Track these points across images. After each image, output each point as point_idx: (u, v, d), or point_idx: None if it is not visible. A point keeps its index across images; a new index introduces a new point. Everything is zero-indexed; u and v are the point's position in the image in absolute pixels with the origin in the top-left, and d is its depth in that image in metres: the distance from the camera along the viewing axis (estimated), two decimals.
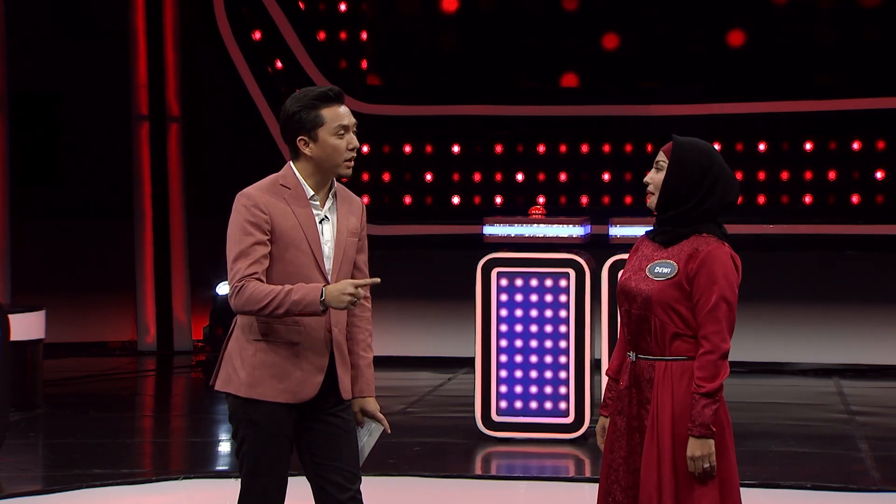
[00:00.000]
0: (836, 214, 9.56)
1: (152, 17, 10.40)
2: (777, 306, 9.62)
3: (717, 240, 3.57)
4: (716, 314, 3.49)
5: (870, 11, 9.66)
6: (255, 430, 3.63)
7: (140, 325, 10.52)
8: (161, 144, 10.45)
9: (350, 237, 3.71)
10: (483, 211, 9.39)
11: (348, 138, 3.64)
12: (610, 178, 9.86)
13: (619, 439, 3.61)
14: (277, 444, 3.65)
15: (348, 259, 3.71)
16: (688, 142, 3.62)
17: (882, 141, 9.60)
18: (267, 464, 3.65)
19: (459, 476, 6.05)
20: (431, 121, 9.92)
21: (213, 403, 8.56)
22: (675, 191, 3.57)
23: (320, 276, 3.64)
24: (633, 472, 3.57)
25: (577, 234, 6.83)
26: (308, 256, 3.63)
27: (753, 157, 9.70)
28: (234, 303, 3.63)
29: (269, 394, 3.62)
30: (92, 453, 6.51)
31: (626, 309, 3.61)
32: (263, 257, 3.60)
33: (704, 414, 3.47)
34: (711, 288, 3.50)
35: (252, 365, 3.65)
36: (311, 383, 3.64)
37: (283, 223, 3.61)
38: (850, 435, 7.07)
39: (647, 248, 3.65)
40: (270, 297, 3.56)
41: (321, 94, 3.63)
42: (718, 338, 3.50)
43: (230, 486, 5.90)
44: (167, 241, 10.47)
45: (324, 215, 3.68)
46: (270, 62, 10.17)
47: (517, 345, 6.82)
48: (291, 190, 3.65)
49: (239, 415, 3.67)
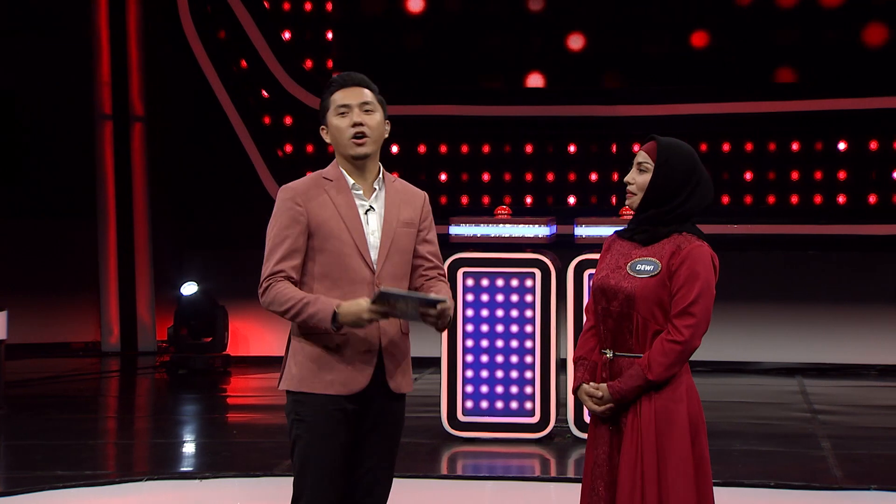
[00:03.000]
0: (799, 214, 9.64)
1: (115, 14, 10.32)
2: (740, 306, 9.68)
3: (697, 238, 3.60)
4: (694, 310, 3.51)
5: (831, 12, 9.75)
6: (306, 428, 3.57)
7: (104, 326, 10.44)
8: (125, 144, 10.38)
9: (401, 227, 3.64)
10: (449, 211, 9.40)
11: (351, 116, 3.61)
12: (575, 178, 9.89)
13: (600, 436, 3.62)
14: (327, 445, 3.57)
15: (399, 250, 3.64)
16: (672, 143, 3.63)
17: (844, 141, 9.70)
18: (315, 465, 3.56)
19: (425, 476, 6.04)
20: (397, 121, 9.86)
21: (177, 404, 8.51)
22: (660, 192, 3.59)
23: (364, 265, 3.58)
24: (615, 467, 3.59)
25: (542, 234, 6.85)
26: (350, 247, 3.57)
27: (717, 158, 9.76)
28: (262, 301, 3.62)
29: (317, 386, 3.56)
30: (54, 455, 6.45)
31: (605, 307, 3.61)
32: (295, 252, 3.56)
33: (629, 387, 3.51)
34: (693, 284, 3.52)
35: (301, 359, 3.60)
36: (361, 375, 3.58)
37: (320, 214, 3.58)
38: (813, 433, 7.13)
39: (622, 246, 3.66)
40: (290, 304, 3.54)
41: (334, 80, 3.68)
42: (690, 332, 3.52)
43: (194, 488, 5.87)
44: (131, 241, 10.40)
45: (369, 206, 3.64)
46: (235, 61, 10.13)
47: (483, 345, 6.82)
48: (333, 182, 3.63)
49: (291, 414, 3.61)
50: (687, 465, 3.52)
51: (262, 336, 10.04)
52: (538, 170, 9.92)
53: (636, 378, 3.53)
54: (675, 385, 3.56)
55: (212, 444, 7.10)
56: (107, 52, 10.34)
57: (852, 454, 6.57)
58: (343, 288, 3.56)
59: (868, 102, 9.58)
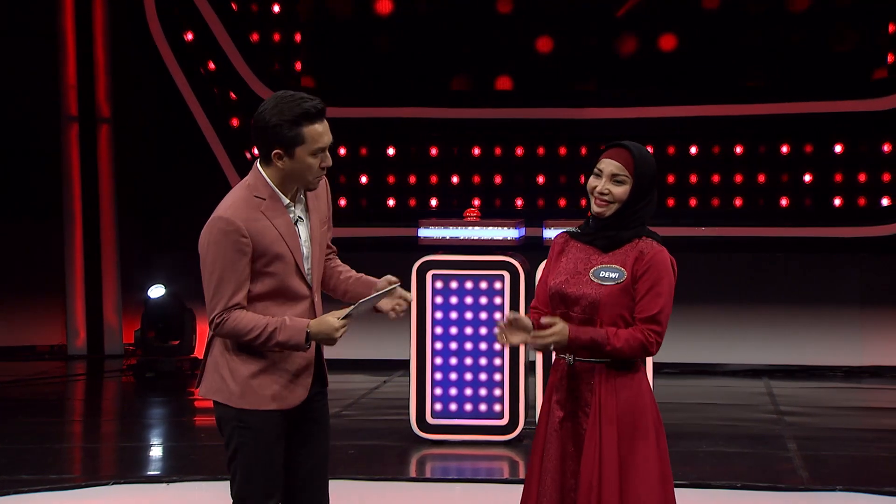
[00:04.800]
0: (766, 217, 9.71)
1: (81, 16, 10.25)
2: (707, 308, 9.73)
3: (658, 244, 3.61)
4: (661, 318, 3.54)
5: (797, 16, 9.82)
6: (251, 435, 3.57)
7: (70, 329, 10.36)
8: (91, 146, 10.30)
9: (321, 227, 3.70)
10: (418, 213, 9.40)
11: (322, 157, 3.60)
12: (544, 180, 9.92)
13: (551, 442, 3.61)
14: (273, 451, 3.59)
15: (323, 249, 3.72)
16: (644, 154, 3.62)
17: (809, 145, 9.77)
18: (262, 471, 3.58)
19: (394, 479, 6.04)
20: (366, 123, 9.90)
21: (144, 407, 8.46)
22: (635, 203, 3.60)
23: (302, 283, 3.62)
24: (563, 474, 3.58)
25: (511, 236, 6.86)
26: (290, 266, 3.60)
27: (685, 160, 9.81)
28: (217, 332, 3.60)
29: (261, 403, 3.58)
30: (19, 459, 6.40)
31: (564, 312, 3.61)
32: (245, 282, 3.56)
33: (587, 337, 3.51)
34: (659, 292, 3.54)
35: (241, 375, 3.60)
36: (300, 387, 3.61)
37: (264, 240, 3.57)
38: (779, 435, 7.17)
39: (579, 250, 3.65)
40: (255, 332, 3.53)
41: (305, 113, 3.54)
42: (656, 339, 3.55)
43: (161, 492, 5.83)
44: (97, 243, 10.33)
45: (298, 216, 3.65)
46: (203, 63, 10.08)
47: (452, 347, 6.83)
48: (267, 200, 3.60)
49: (233, 422, 3.60)
50: (653, 467, 3.53)
51: None
52: (507, 172, 9.94)
53: (599, 337, 3.51)
54: (638, 388, 3.57)
55: (179, 447, 7.06)
56: (73, 54, 10.27)
57: (818, 455, 6.62)
58: (282, 306, 3.59)
59: (834, 106, 9.66)
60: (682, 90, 9.83)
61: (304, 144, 3.56)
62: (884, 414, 8.16)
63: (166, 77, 9.96)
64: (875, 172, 9.68)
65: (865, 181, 9.68)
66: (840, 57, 9.77)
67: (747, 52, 9.87)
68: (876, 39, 9.78)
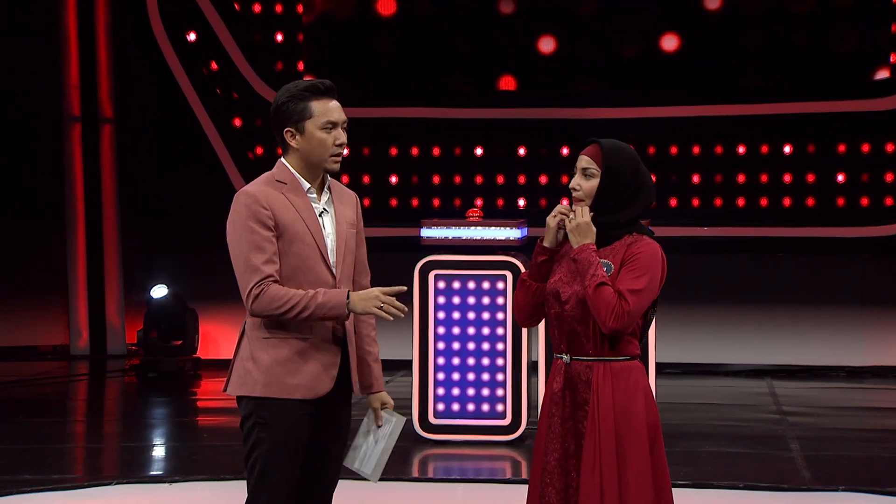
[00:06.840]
0: (768, 217, 9.71)
1: (84, 16, 10.26)
2: (710, 308, 9.74)
3: (649, 238, 3.62)
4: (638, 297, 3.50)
5: (799, 17, 9.82)
6: (270, 431, 3.54)
7: (72, 329, 10.37)
8: (93, 146, 10.31)
9: (350, 229, 3.68)
10: (420, 213, 9.40)
11: (336, 133, 3.59)
12: (547, 180, 9.92)
13: (553, 441, 3.62)
14: (291, 449, 3.56)
15: (350, 251, 3.67)
16: (615, 146, 3.64)
17: (812, 145, 9.77)
18: (278, 468, 3.55)
19: (397, 479, 6.03)
20: (369, 123, 9.91)
21: (146, 408, 8.47)
22: (607, 196, 3.60)
23: (325, 269, 3.59)
24: (566, 473, 3.59)
25: (514, 236, 6.86)
26: (313, 249, 3.58)
27: (687, 161, 9.82)
28: (255, 306, 3.54)
29: (284, 391, 3.55)
30: (21, 459, 6.40)
31: (558, 311, 3.62)
32: (275, 255, 3.54)
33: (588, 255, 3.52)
34: (642, 275, 3.52)
35: (266, 363, 3.57)
36: (326, 377, 3.58)
37: (285, 216, 3.56)
38: (782, 435, 7.18)
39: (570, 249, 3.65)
40: (295, 301, 3.50)
41: (311, 86, 3.58)
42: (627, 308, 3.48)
43: (163, 491, 5.84)
44: (100, 243, 10.33)
45: (322, 208, 3.64)
46: (205, 63, 10.09)
47: (454, 347, 6.83)
48: (288, 185, 3.60)
49: (252, 418, 3.57)
50: (646, 468, 3.52)
51: (233, 339, 9.95)
52: (509, 172, 9.94)
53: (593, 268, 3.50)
54: (634, 390, 3.57)
55: (181, 447, 7.07)
56: (75, 54, 10.28)
57: (821, 455, 6.62)
58: (306, 291, 3.56)
59: (836, 106, 9.66)
60: (684, 90, 9.83)
61: (312, 118, 3.57)
62: (886, 414, 8.16)
63: (169, 77, 9.96)
64: (877, 172, 9.68)
65: (868, 181, 9.68)
66: (841, 57, 9.77)
67: (749, 52, 9.87)
68: (877, 39, 9.78)
